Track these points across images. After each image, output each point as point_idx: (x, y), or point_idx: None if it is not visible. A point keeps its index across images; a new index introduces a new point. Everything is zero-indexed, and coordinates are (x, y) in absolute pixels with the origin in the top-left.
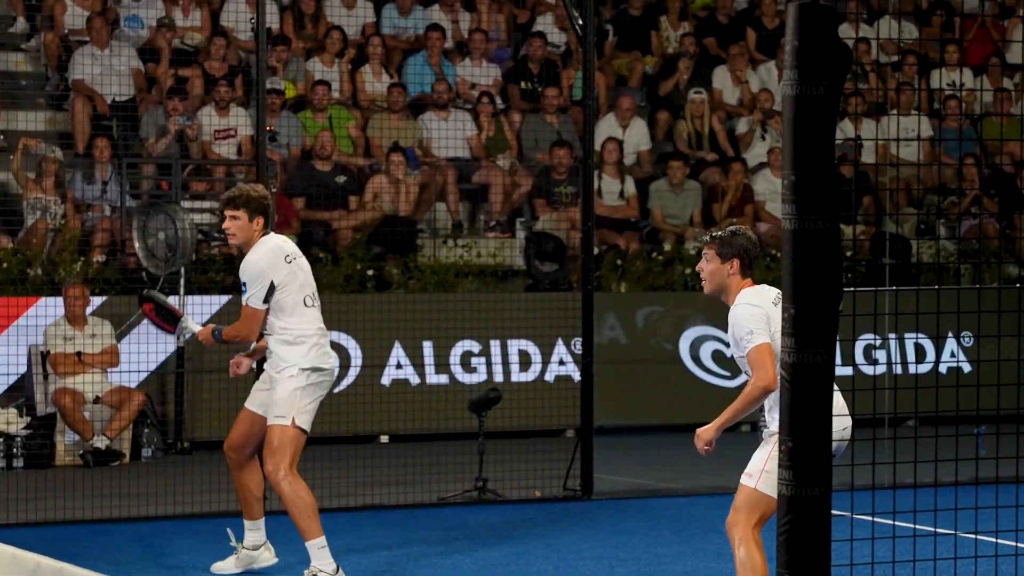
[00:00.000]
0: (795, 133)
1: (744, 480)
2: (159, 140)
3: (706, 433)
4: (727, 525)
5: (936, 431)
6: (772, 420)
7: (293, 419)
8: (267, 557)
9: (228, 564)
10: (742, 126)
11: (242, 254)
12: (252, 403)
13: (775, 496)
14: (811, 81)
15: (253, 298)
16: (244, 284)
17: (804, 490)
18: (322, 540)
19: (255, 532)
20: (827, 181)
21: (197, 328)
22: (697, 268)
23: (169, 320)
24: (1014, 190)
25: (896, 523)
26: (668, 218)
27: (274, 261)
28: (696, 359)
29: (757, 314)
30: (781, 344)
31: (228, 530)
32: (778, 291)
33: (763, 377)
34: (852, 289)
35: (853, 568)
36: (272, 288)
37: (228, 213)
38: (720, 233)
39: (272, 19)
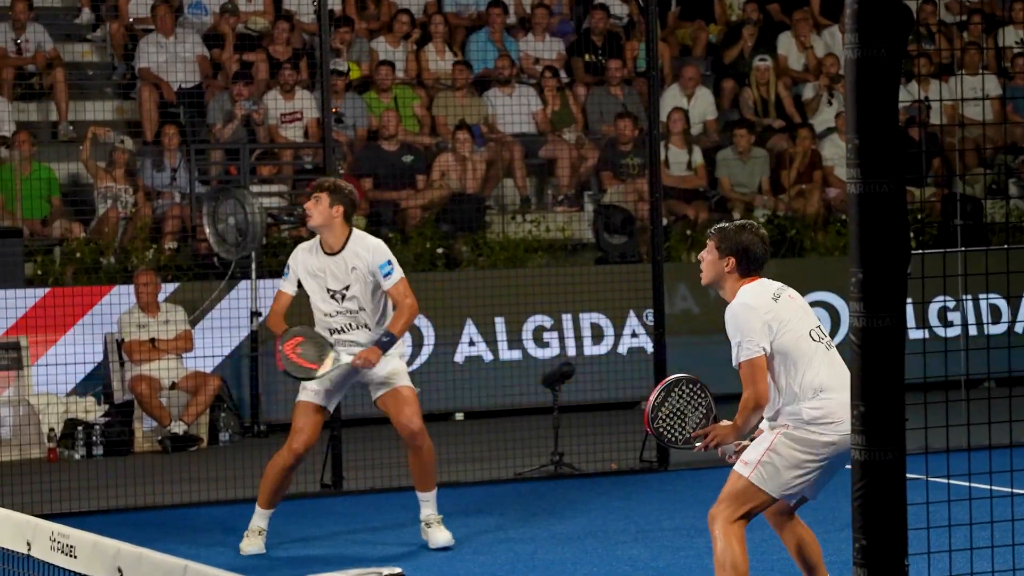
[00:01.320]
0: (858, 96)
1: (739, 468)
2: (226, 125)
3: (724, 437)
4: (709, 516)
5: (1009, 391)
6: (770, 411)
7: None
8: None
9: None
10: (808, 92)
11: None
12: (316, 398)
13: (768, 491)
14: (872, 43)
15: (398, 269)
16: (388, 263)
17: (877, 454)
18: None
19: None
20: (891, 144)
21: (349, 359)
22: (699, 256)
23: (315, 355)
24: None
25: (972, 485)
26: (736, 187)
27: None
28: None
29: (751, 320)
30: (850, 309)
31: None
32: (780, 284)
33: (752, 396)
34: (920, 251)
35: (930, 531)
36: None
37: (313, 195)
38: (727, 225)
39: (334, 1)
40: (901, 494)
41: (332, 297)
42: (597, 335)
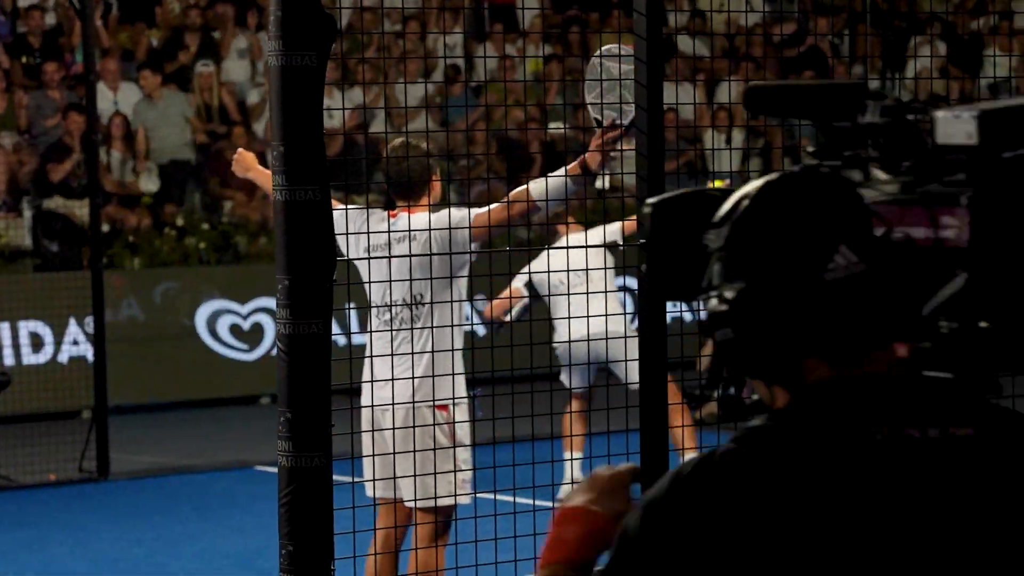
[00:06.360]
0: (282, 104)
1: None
2: None
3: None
4: None
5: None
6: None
7: None
8: None
9: None
10: (253, 97)
11: None
12: None
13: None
14: (296, 51)
15: None
16: None
17: (304, 460)
18: None
19: None
20: (317, 151)
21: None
22: None
23: None
24: (522, 153)
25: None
26: None
27: None
28: (214, 333)
29: None
30: (277, 316)
31: None
32: None
33: None
34: (344, 258)
35: (356, 535)
36: None
37: None
38: None
39: None
40: (328, 499)
41: None
42: (36, 344)
